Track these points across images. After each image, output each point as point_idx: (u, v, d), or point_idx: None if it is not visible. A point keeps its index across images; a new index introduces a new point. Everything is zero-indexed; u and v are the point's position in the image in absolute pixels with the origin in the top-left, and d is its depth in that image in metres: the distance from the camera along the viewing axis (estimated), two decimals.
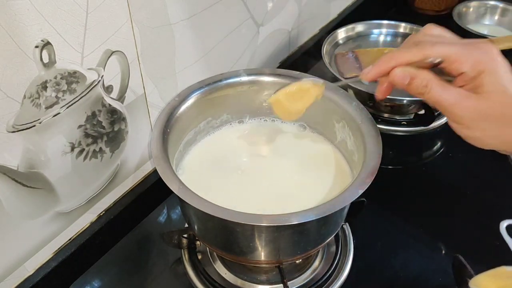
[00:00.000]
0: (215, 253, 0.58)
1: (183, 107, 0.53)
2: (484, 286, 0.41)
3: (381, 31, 0.90)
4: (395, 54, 0.40)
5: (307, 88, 0.51)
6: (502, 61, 0.37)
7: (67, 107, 0.48)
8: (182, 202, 0.45)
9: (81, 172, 0.54)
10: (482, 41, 0.39)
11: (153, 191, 0.65)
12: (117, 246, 0.62)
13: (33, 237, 0.52)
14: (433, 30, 0.42)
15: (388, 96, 0.71)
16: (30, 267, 0.53)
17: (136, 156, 0.62)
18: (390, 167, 0.73)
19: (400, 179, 0.72)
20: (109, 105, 0.54)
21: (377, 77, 0.42)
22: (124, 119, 0.57)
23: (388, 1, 1.17)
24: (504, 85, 0.37)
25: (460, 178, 0.71)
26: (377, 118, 0.79)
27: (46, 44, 0.43)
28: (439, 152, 0.77)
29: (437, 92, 0.39)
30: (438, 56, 0.39)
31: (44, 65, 0.44)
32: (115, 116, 0.55)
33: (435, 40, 0.40)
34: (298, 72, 0.58)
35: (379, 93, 0.45)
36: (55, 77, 0.46)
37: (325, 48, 0.82)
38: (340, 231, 0.60)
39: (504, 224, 0.41)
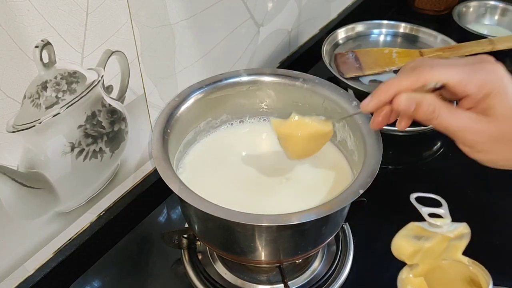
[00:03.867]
0: (215, 253, 0.58)
1: (183, 107, 0.53)
2: (403, 247, 0.46)
3: (381, 31, 0.90)
4: (394, 82, 0.38)
5: (314, 128, 0.50)
6: (510, 81, 0.35)
7: (67, 107, 0.48)
8: (182, 202, 0.45)
9: (81, 172, 0.54)
10: (486, 59, 0.37)
11: (153, 191, 0.65)
12: (117, 246, 0.62)
13: (33, 237, 0.52)
14: (428, 57, 0.40)
15: None
16: (30, 267, 0.53)
17: (136, 156, 0.62)
18: (390, 167, 0.73)
19: (400, 179, 0.72)
20: (109, 105, 0.53)
21: (378, 107, 0.41)
22: (124, 119, 0.57)
23: (388, 1, 1.17)
24: None
25: (460, 178, 0.71)
26: None
27: (46, 44, 0.43)
28: (439, 152, 0.77)
29: (446, 117, 0.37)
30: (439, 80, 0.37)
31: (44, 65, 0.44)
32: (115, 116, 0.55)
33: (434, 63, 0.37)
34: (298, 72, 0.58)
35: (375, 125, 0.43)
36: (55, 77, 0.46)
37: (325, 48, 0.82)
38: (340, 231, 0.60)
39: (414, 196, 0.45)
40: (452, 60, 0.38)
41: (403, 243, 0.47)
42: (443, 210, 0.46)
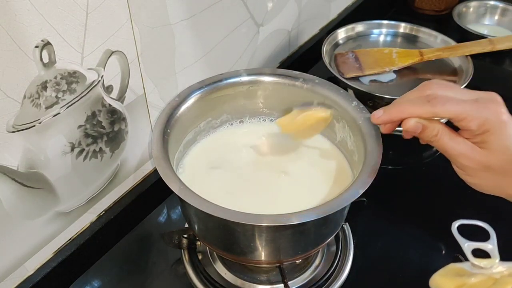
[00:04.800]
0: (215, 253, 0.58)
1: (183, 107, 0.53)
2: (445, 286, 0.44)
3: (381, 31, 0.90)
4: (408, 107, 0.43)
5: (315, 118, 0.53)
6: (508, 122, 0.40)
7: (67, 107, 0.48)
8: (182, 202, 0.45)
9: (81, 172, 0.54)
10: (493, 99, 0.41)
11: (153, 191, 0.65)
12: (117, 246, 0.62)
13: (33, 237, 0.52)
14: (441, 81, 0.44)
15: (388, 96, 0.72)
16: (30, 267, 0.53)
17: (136, 156, 0.62)
18: (390, 167, 0.73)
19: (400, 179, 0.72)
20: (109, 105, 0.53)
21: (387, 122, 0.45)
22: (124, 119, 0.57)
23: (388, 1, 1.17)
24: (506, 145, 0.40)
25: (460, 177, 0.71)
26: None
27: (46, 44, 0.43)
28: (439, 152, 0.76)
29: (446, 141, 0.43)
30: (448, 116, 0.42)
31: (44, 65, 0.44)
32: (115, 116, 0.55)
33: (447, 98, 0.42)
34: (298, 72, 0.58)
35: (384, 130, 0.48)
36: (55, 77, 0.46)
37: (325, 48, 0.82)
38: (340, 231, 0.60)
39: (456, 224, 0.43)
40: (463, 93, 0.43)
41: (443, 281, 0.43)
42: (491, 246, 0.41)
